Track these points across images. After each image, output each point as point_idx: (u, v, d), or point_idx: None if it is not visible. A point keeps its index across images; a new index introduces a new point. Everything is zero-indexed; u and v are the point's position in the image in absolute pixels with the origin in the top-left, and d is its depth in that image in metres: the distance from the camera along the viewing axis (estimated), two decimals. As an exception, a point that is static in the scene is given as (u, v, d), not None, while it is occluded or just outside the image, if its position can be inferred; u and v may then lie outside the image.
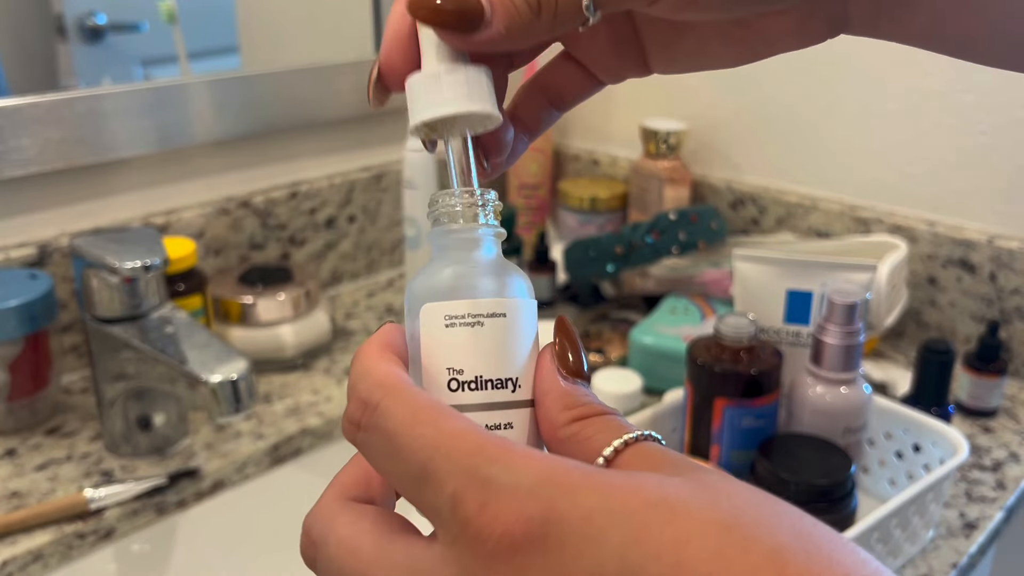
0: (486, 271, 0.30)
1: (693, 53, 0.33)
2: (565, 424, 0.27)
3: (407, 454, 0.24)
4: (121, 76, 0.89)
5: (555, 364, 0.28)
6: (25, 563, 0.65)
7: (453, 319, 0.28)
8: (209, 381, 0.67)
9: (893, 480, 0.74)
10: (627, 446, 0.25)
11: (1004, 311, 0.91)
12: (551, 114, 0.35)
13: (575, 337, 0.29)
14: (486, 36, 0.28)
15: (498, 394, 0.28)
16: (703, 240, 0.97)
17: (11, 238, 0.84)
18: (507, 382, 0.28)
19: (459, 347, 0.28)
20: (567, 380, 0.28)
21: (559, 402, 0.27)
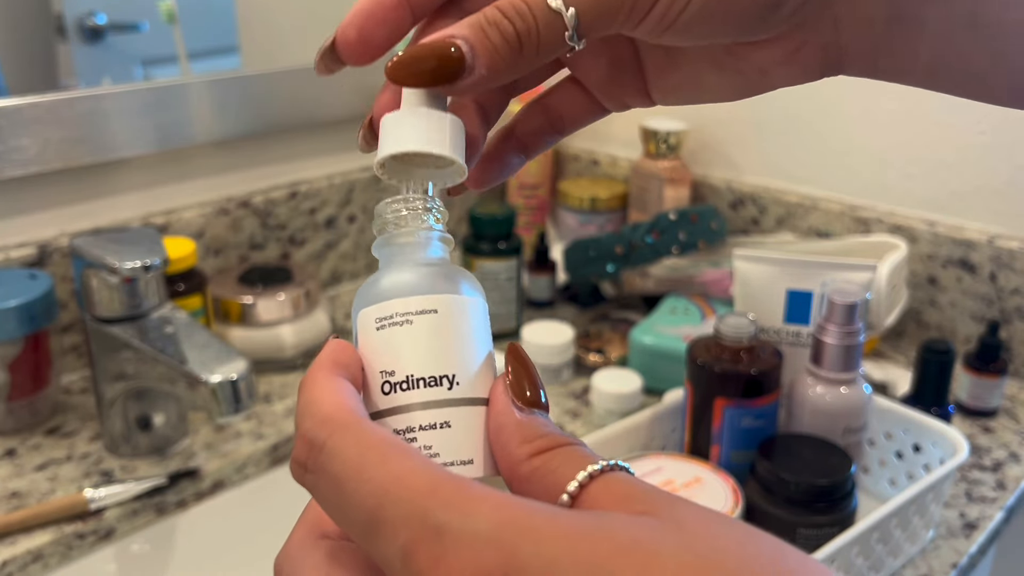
0: (422, 272, 0.29)
1: (689, 83, 0.32)
2: (525, 459, 0.25)
3: (356, 500, 0.22)
4: (121, 76, 0.89)
5: (509, 395, 0.27)
6: (25, 563, 0.65)
7: (383, 320, 0.28)
8: (209, 381, 0.67)
9: (893, 480, 0.74)
10: (592, 479, 0.23)
11: (1004, 311, 0.91)
12: (550, 136, 0.35)
13: (529, 365, 0.28)
14: (471, 81, 0.27)
15: (432, 392, 0.27)
16: (703, 240, 0.97)
17: (11, 238, 0.84)
18: (442, 379, 0.27)
19: (389, 348, 0.28)
20: (523, 411, 0.26)
21: (516, 435, 0.26)
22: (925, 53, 0.28)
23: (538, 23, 0.27)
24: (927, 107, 0.94)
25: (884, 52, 0.29)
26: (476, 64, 0.27)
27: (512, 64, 0.27)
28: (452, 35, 0.27)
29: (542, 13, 0.27)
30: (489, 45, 0.27)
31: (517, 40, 0.27)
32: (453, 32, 0.27)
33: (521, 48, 0.27)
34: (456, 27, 0.27)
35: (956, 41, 0.28)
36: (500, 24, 0.27)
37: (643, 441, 0.73)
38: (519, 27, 0.27)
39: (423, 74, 0.27)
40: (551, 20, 0.27)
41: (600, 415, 0.82)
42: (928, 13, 0.27)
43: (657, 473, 0.66)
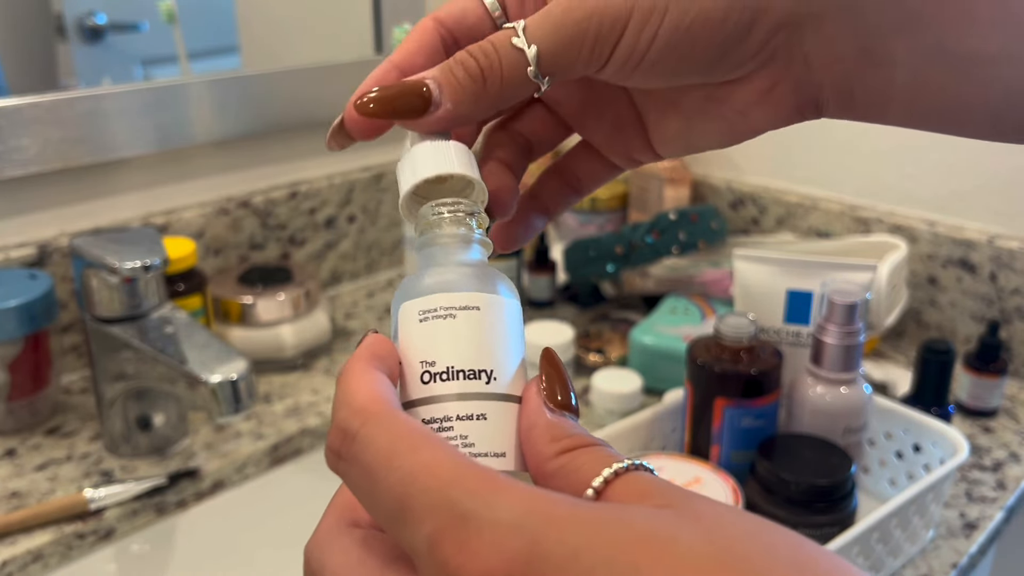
0: (465, 271, 0.30)
1: (684, 133, 0.33)
2: (553, 456, 0.26)
3: (384, 488, 0.23)
4: (121, 76, 0.89)
5: (542, 397, 0.28)
6: (25, 563, 0.65)
7: (426, 313, 0.29)
8: (209, 381, 0.67)
9: (893, 480, 0.74)
10: (617, 476, 0.24)
11: (1004, 311, 0.91)
12: (571, 197, 0.36)
13: (562, 369, 0.28)
14: (437, 116, 0.29)
15: (471, 384, 0.28)
16: (703, 240, 0.97)
17: (11, 238, 0.84)
18: (480, 373, 0.28)
19: (432, 339, 0.28)
20: (554, 412, 0.27)
21: (546, 434, 0.26)
22: (900, 88, 0.28)
23: (501, 59, 0.29)
24: (927, 107, 0.94)
25: (859, 89, 0.29)
26: (442, 99, 0.29)
27: (476, 98, 0.29)
28: (423, 76, 0.29)
29: (505, 50, 0.29)
30: (454, 81, 0.29)
31: (481, 76, 0.29)
32: (424, 74, 0.30)
33: (485, 83, 0.29)
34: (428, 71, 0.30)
35: (929, 75, 0.27)
36: (465, 62, 0.29)
37: (643, 441, 0.73)
38: (482, 63, 0.29)
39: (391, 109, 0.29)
40: (514, 57, 0.29)
41: (600, 415, 0.82)
42: (896, 46, 0.27)
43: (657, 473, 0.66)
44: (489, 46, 0.29)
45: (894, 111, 0.29)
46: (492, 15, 0.33)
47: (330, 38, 1.05)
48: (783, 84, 0.30)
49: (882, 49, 0.28)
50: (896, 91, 0.28)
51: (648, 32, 0.28)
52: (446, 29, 0.32)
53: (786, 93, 0.30)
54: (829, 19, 0.28)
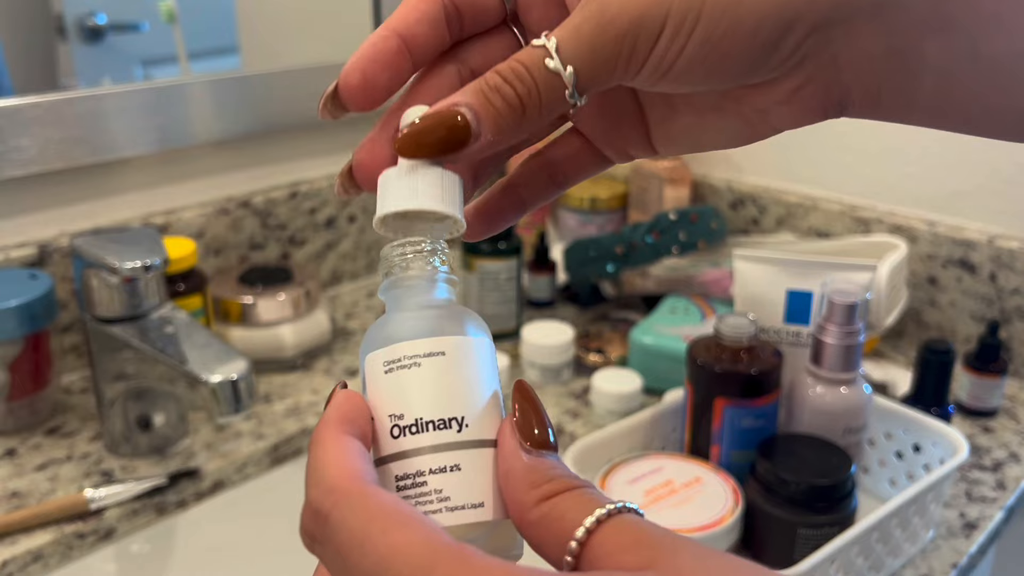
0: (428, 315, 0.29)
1: (692, 131, 0.32)
2: (534, 504, 0.25)
3: (358, 573, 0.23)
4: (121, 76, 0.89)
5: (516, 437, 0.27)
6: (25, 563, 0.65)
7: (391, 364, 0.28)
8: (209, 381, 0.67)
9: (893, 480, 0.74)
10: (600, 524, 0.23)
11: (1004, 311, 0.91)
12: (551, 190, 0.34)
13: (537, 404, 0.27)
14: (478, 146, 0.28)
15: (442, 435, 0.27)
16: (703, 240, 0.97)
17: (11, 238, 0.84)
18: (451, 422, 0.27)
19: (398, 391, 0.28)
20: (531, 453, 0.26)
21: (524, 480, 0.26)
22: (928, 89, 0.28)
23: (538, 84, 0.27)
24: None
25: (887, 89, 0.28)
26: (482, 130, 0.28)
27: (516, 126, 0.28)
28: (456, 103, 0.28)
29: (540, 74, 0.27)
30: (492, 110, 0.28)
31: (519, 103, 0.28)
32: (457, 100, 0.28)
33: (524, 110, 0.28)
34: (459, 95, 0.28)
35: (960, 75, 0.27)
36: (501, 89, 0.28)
37: (643, 441, 0.73)
38: (520, 90, 0.28)
39: (432, 145, 0.28)
40: (550, 80, 0.27)
41: (600, 415, 0.82)
42: (928, 46, 0.27)
43: (657, 473, 0.66)
44: (522, 70, 0.28)
45: (919, 112, 0.29)
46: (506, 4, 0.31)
47: (330, 38, 1.05)
48: (810, 85, 0.29)
49: (913, 51, 0.27)
50: (924, 92, 0.28)
51: (679, 42, 0.27)
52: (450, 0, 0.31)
53: (813, 93, 0.29)
54: (861, 21, 0.27)
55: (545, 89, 0.28)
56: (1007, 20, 0.26)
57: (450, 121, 0.27)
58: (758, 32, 0.27)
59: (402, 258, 0.30)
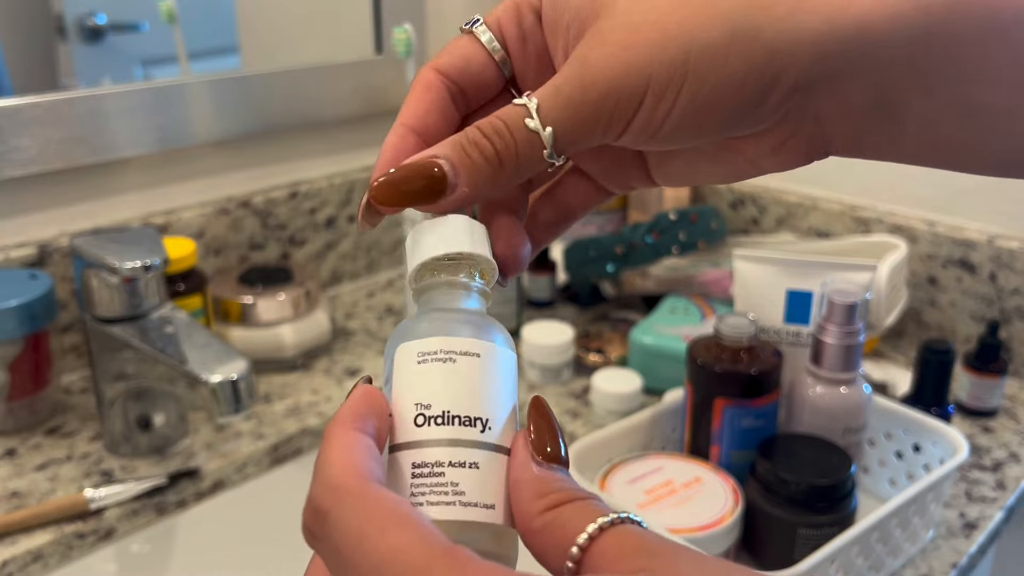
0: (464, 318, 0.29)
1: (686, 171, 0.33)
2: (539, 513, 0.26)
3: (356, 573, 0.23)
4: (121, 76, 0.89)
5: (529, 450, 0.27)
6: (25, 563, 0.65)
7: (426, 356, 0.28)
8: (209, 381, 0.67)
9: (893, 480, 0.74)
10: (602, 531, 0.24)
11: (1004, 311, 0.92)
12: (561, 226, 0.35)
13: (552, 420, 0.28)
14: (454, 198, 0.29)
15: (465, 431, 0.27)
16: (703, 240, 0.97)
17: (11, 238, 0.84)
18: (476, 421, 0.27)
19: (429, 382, 0.28)
20: (542, 466, 0.27)
21: (532, 490, 0.26)
22: (911, 135, 0.28)
23: (516, 142, 0.28)
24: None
25: (868, 139, 0.29)
26: (458, 182, 0.28)
27: (492, 181, 0.29)
28: (435, 155, 0.29)
29: (520, 132, 0.28)
30: (470, 163, 0.28)
31: (497, 159, 0.28)
32: (436, 152, 0.29)
33: (501, 166, 0.29)
34: (438, 147, 0.29)
35: (940, 126, 0.28)
36: (480, 143, 0.28)
37: (643, 441, 0.73)
38: (498, 146, 0.28)
39: (407, 194, 0.29)
40: (529, 139, 0.28)
41: (600, 415, 0.82)
42: (910, 101, 0.27)
43: (657, 473, 0.66)
44: (502, 126, 0.28)
45: (902, 155, 0.29)
46: (494, 57, 0.32)
47: (330, 38, 1.05)
48: (794, 139, 0.30)
49: (895, 105, 0.28)
50: (905, 140, 0.28)
51: (664, 107, 0.28)
52: (451, 81, 0.32)
53: (797, 145, 0.30)
54: (843, 79, 0.27)
55: (523, 147, 0.28)
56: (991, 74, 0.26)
57: (427, 171, 0.28)
58: (742, 90, 0.27)
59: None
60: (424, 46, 1.09)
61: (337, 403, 0.85)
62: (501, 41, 0.32)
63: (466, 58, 0.32)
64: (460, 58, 0.32)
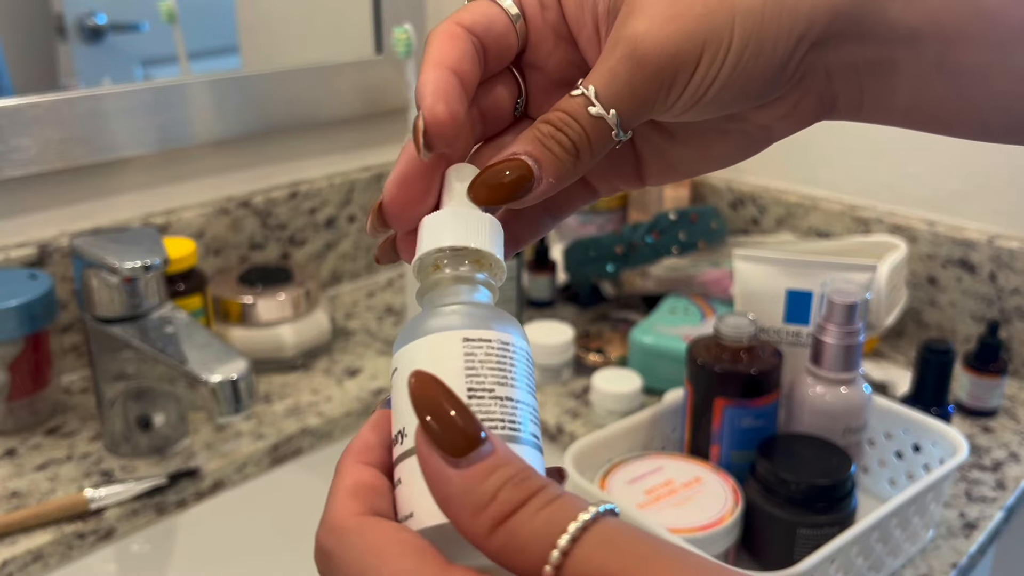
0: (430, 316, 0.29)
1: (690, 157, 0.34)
2: (487, 534, 0.23)
3: None
4: (121, 76, 0.89)
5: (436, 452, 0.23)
6: (25, 563, 0.65)
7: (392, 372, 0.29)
8: (209, 381, 0.67)
9: (893, 480, 0.74)
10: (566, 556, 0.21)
11: (1004, 311, 0.91)
12: (547, 225, 0.36)
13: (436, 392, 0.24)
14: (540, 191, 0.30)
15: (395, 450, 0.27)
16: (703, 240, 0.97)
17: (11, 238, 0.84)
18: (398, 436, 0.27)
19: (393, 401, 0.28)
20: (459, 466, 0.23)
21: (466, 508, 0.23)
22: (903, 95, 0.30)
23: (586, 130, 0.29)
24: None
25: (867, 97, 0.30)
26: (543, 176, 0.29)
27: (573, 170, 0.30)
28: (516, 152, 0.29)
29: (586, 120, 0.29)
30: (552, 157, 0.29)
31: (574, 148, 0.29)
32: (516, 150, 0.29)
33: (578, 154, 0.29)
34: (517, 145, 0.30)
35: (929, 83, 0.29)
36: (556, 136, 0.29)
37: (643, 441, 0.73)
38: (572, 136, 0.29)
39: (504, 190, 0.29)
40: (596, 124, 0.29)
41: (600, 415, 0.82)
42: (901, 59, 0.29)
43: (657, 473, 0.66)
44: (569, 119, 0.29)
45: (896, 115, 0.31)
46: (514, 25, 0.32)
47: (330, 38, 1.05)
48: (808, 97, 0.31)
49: (888, 61, 0.29)
50: (899, 98, 0.30)
51: (713, 71, 0.29)
52: (476, 37, 0.31)
53: (808, 104, 0.31)
54: (847, 35, 0.29)
55: (594, 134, 0.29)
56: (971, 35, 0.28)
57: (519, 169, 0.29)
58: (776, 51, 0.29)
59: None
60: (424, 46, 1.09)
61: (337, 403, 0.85)
62: (521, 10, 0.32)
63: (490, 19, 0.32)
64: (484, 16, 0.32)
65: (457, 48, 0.31)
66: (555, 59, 0.33)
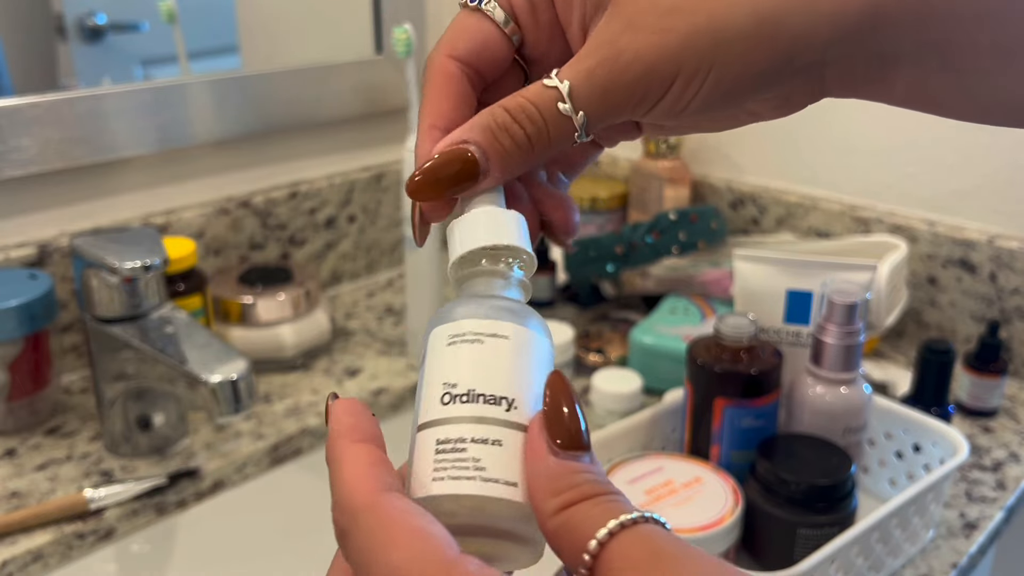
0: (497, 304, 0.30)
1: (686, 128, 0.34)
2: (553, 513, 0.25)
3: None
4: (121, 76, 0.89)
5: (545, 436, 0.26)
6: (25, 563, 0.65)
7: (455, 338, 0.29)
8: (209, 381, 0.67)
9: (893, 480, 0.74)
10: (613, 536, 0.23)
11: (1004, 311, 0.91)
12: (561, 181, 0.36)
13: (571, 398, 0.27)
14: (487, 183, 0.29)
15: (490, 409, 0.27)
16: (703, 240, 0.97)
17: (11, 238, 0.84)
18: (501, 400, 0.28)
19: (457, 362, 0.28)
20: (559, 455, 0.26)
21: (547, 487, 0.25)
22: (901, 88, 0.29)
23: (548, 125, 0.29)
24: (927, 107, 0.94)
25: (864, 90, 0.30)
26: (490, 168, 0.29)
27: (523, 163, 0.29)
28: (464, 140, 0.29)
29: (552, 116, 0.29)
30: (501, 149, 0.29)
31: (528, 143, 0.29)
32: (465, 137, 0.29)
33: (532, 149, 0.29)
34: (467, 131, 0.29)
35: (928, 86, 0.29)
36: (510, 129, 0.29)
37: (643, 441, 0.73)
38: (530, 131, 0.29)
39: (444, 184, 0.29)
40: (561, 122, 0.29)
41: (600, 415, 0.82)
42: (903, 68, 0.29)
43: (657, 473, 0.66)
44: (534, 110, 0.29)
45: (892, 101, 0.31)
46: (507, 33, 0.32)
47: (330, 38, 1.05)
48: (799, 93, 0.31)
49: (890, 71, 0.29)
50: (897, 91, 0.30)
51: (691, 91, 0.29)
52: (471, 68, 0.31)
53: (799, 99, 0.31)
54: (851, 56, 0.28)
55: (555, 130, 0.29)
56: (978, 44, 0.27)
57: (460, 158, 0.29)
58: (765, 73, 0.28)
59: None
60: (424, 46, 1.09)
61: (337, 403, 0.84)
62: (511, 14, 0.32)
63: (482, 40, 0.31)
64: (476, 42, 0.31)
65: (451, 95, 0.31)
66: (554, 53, 0.33)
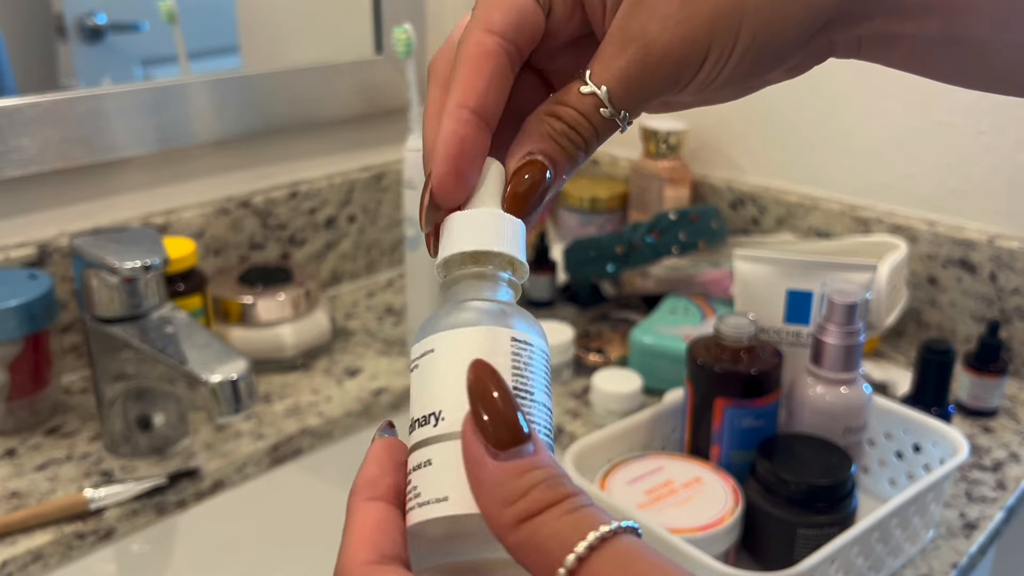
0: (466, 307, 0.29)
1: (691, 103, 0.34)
2: (511, 527, 0.23)
3: None
4: (121, 76, 0.89)
5: (477, 439, 0.24)
6: (25, 563, 0.65)
7: (411, 364, 0.29)
8: (209, 381, 0.67)
9: (893, 480, 0.74)
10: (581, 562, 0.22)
11: (1004, 311, 0.91)
12: None
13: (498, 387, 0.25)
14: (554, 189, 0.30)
15: (421, 432, 0.27)
16: (703, 240, 0.97)
17: (11, 238, 0.84)
18: (429, 417, 0.27)
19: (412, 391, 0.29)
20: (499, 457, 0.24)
21: (496, 496, 0.23)
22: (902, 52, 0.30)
23: (596, 129, 0.30)
24: (927, 107, 0.94)
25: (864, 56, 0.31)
26: (556, 173, 0.30)
27: (579, 164, 0.30)
28: (530, 151, 0.29)
29: (597, 119, 0.29)
30: (565, 154, 0.30)
31: (584, 145, 0.30)
32: (530, 148, 0.29)
33: (587, 149, 0.30)
34: (528, 143, 0.29)
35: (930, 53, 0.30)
36: (569, 135, 0.29)
37: (643, 441, 0.73)
38: (585, 134, 0.29)
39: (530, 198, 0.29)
40: (605, 123, 0.30)
41: (600, 415, 0.82)
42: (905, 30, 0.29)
43: (657, 473, 0.66)
44: (580, 118, 0.29)
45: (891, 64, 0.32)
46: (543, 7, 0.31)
47: (330, 38, 1.05)
48: (809, 59, 0.32)
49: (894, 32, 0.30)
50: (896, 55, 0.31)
51: (719, 67, 0.29)
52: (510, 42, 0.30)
53: (808, 63, 0.32)
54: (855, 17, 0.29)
55: (603, 131, 0.30)
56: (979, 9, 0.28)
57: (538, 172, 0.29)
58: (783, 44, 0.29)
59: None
60: (424, 46, 1.09)
61: (337, 403, 0.85)
62: None
63: (519, 11, 0.30)
64: (513, 12, 0.30)
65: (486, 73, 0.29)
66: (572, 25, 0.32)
